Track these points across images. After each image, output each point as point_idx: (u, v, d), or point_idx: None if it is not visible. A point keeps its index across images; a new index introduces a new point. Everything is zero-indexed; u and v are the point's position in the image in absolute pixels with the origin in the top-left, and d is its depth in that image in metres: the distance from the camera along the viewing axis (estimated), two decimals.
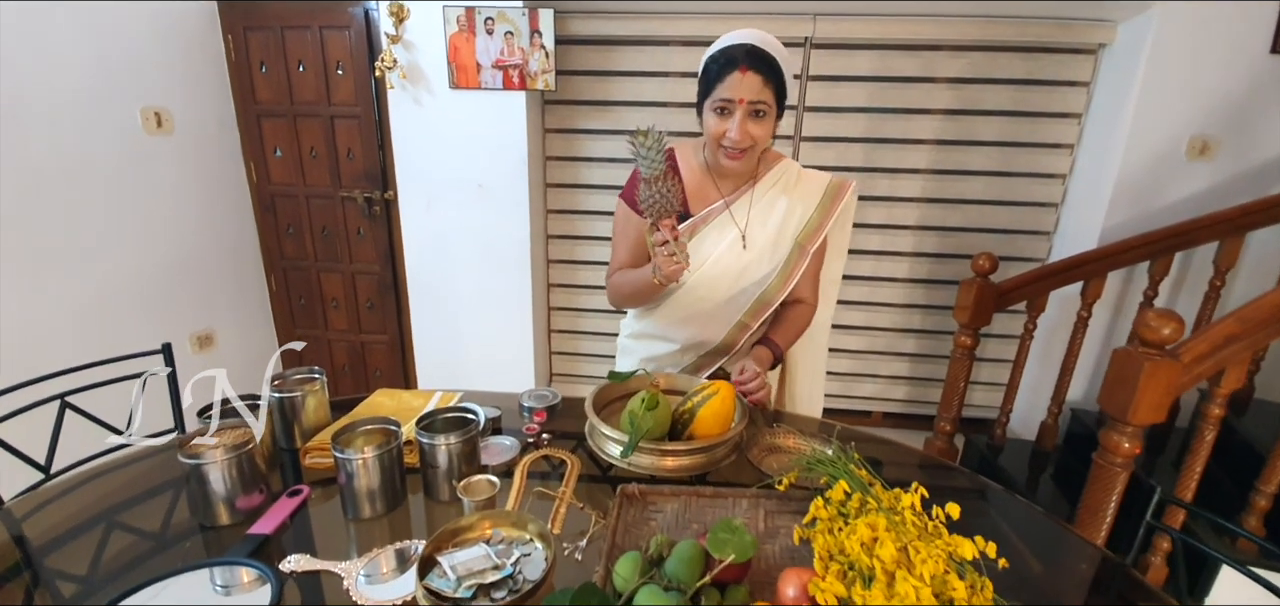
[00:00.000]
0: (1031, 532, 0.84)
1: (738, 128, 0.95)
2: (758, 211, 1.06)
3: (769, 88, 0.94)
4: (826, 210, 1.07)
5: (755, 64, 0.93)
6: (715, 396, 0.87)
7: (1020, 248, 2.20)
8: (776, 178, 1.07)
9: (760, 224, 1.06)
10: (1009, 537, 0.82)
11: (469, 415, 0.90)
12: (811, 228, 1.06)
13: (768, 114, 0.96)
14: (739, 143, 0.96)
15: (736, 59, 0.93)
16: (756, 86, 0.93)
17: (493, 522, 0.73)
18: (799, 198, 1.07)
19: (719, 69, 0.95)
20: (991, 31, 1.97)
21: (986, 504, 0.92)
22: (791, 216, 1.06)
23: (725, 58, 0.95)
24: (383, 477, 0.80)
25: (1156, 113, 1.85)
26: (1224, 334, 1.20)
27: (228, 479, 0.78)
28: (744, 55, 0.93)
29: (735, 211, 1.07)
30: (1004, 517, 0.88)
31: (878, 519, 0.61)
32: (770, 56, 0.94)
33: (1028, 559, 0.78)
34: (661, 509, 0.78)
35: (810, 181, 1.09)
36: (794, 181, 1.08)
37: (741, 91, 0.93)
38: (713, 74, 0.96)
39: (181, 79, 2.09)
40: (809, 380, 1.24)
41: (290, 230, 2.40)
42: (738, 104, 0.94)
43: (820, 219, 1.07)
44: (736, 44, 0.95)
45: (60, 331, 1.80)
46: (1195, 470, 1.29)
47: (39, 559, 0.74)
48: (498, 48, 1.95)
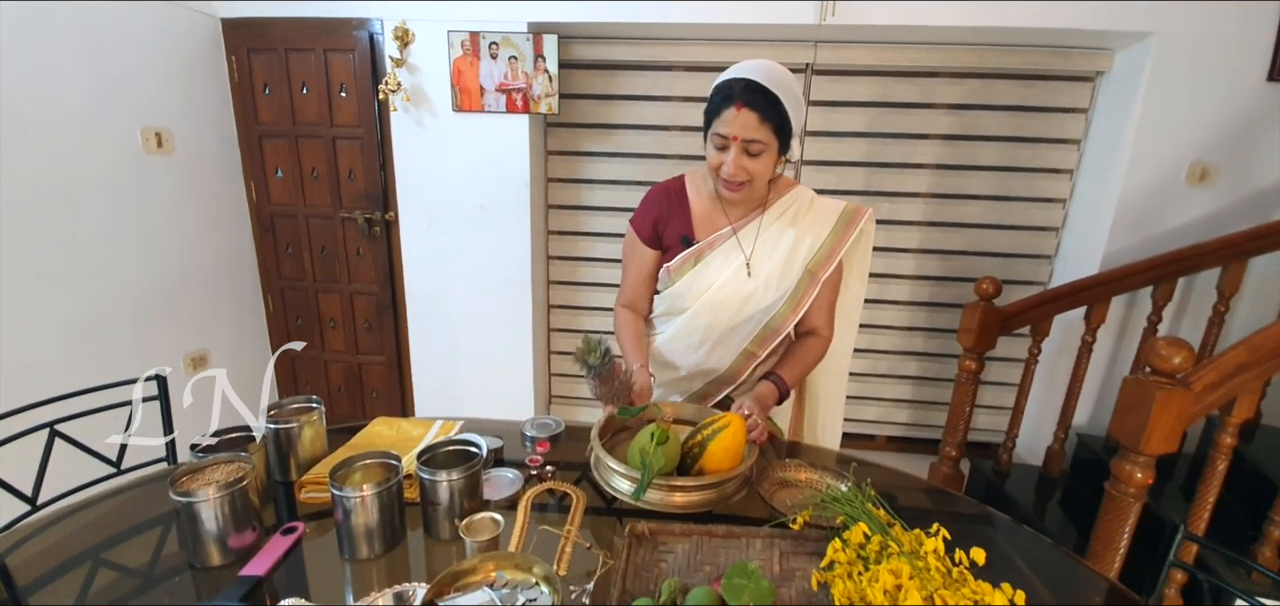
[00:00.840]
0: (1044, 566, 0.82)
1: (732, 163, 0.94)
2: (765, 239, 1.05)
3: (766, 125, 0.92)
4: (840, 237, 1.05)
5: (751, 100, 0.91)
6: (726, 430, 0.85)
7: (1021, 271, 2.20)
8: (786, 205, 1.06)
9: (767, 252, 1.04)
10: (1022, 572, 0.79)
11: (471, 448, 0.87)
12: (823, 255, 1.05)
13: (765, 151, 0.94)
14: (734, 177, 0.95)
15: (733, 95, 0.92)
16: (752, 124, 0.91)
17: (496, 564, 0.70)
18: (810, 226, 1.05)
19: (718, 102, 0.94)
20: (989, 59, 1.99)
21: (996, 533, 0.90)
22: (801, 244, 1.04)
23: (724, 91, 0.94)
24: (382, 515, 0.77)
25: (1156, 139, 1.86)
26: (1235, 363, 1.19)
27: (220, 517, 0.75)
28: (741, 91, 0.91)
29: (742, 238, 1.06)
30: (1015, 549, 0.86)
31: (901, 565, 0.59)
32: (770, 92, 0.91)
33: (1040, 592, 0.75)
34: (672, 549, 0.75)
35: (823, 208, 1.07)
36: (805, 209, 1.07)
37: (735, 128, 0.92)
38: (714, 106, 0.95)
39: (183, 99, 2.08)
40: (829, 408, 1.22)
41: (289, 250, 2.39)
42: (733, 140, 0.93)
43: (833, 245, 1.05)
44: (736, 78, 0.93)
45: (53, 352, 1.77)
46: (1207, 500, 1.27)
47: (22, 598, 0.71)
48: (501, 72, 1.95)
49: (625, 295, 1.16)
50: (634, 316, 1.15)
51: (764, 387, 1.02)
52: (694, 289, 1.06)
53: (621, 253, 1.17)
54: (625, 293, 1.16)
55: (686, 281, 1.06)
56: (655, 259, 1.11)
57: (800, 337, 1.11)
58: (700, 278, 1.05)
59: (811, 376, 1.18)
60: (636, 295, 1.15)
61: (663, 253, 1.10)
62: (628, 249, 1.14)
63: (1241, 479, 1.61)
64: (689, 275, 1.06)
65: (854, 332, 1.20)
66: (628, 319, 1.14)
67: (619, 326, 1.14)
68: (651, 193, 1.11)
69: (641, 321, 1.16)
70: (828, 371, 1.17)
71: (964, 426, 1.92)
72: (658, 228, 1.09)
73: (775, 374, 1.04)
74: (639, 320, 1.15)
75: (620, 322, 1.14)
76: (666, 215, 1.08)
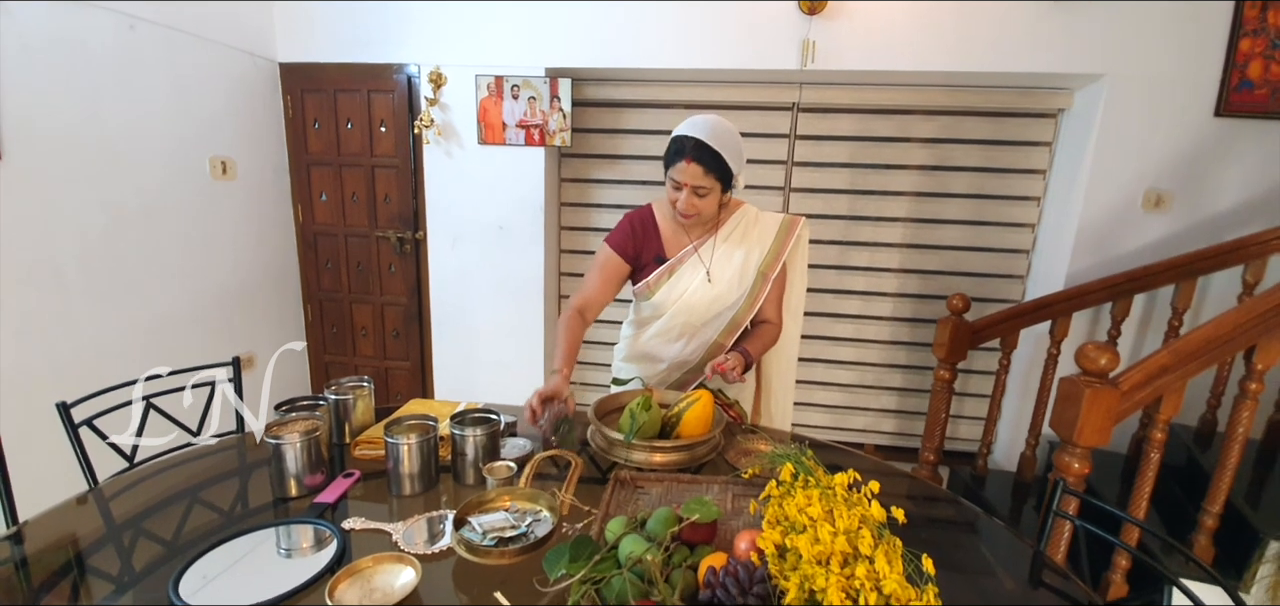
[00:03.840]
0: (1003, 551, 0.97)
1: (685, 202, 1.17)
2: (721, 253, 1.28)
3: (710, 174, 1.13)
4: (783, 242, 1.29)
5: (698, 156, 1.12)
6: (698, 402, 1.05)
7: (996, 290, 2.36)
8: (735, 224, 1.29)
9: (724, 263, 1.27)
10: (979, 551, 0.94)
11: (492, 416, 1.09)
12: (770, 258, 1.28)
13: (709, 193, 1.15)
14: (686, 212, 1.18)
15: (684, 150, 1.13)
16: (697, 174, 1.13)
17: (511, 496, 0.91)
18: (757, 238, 1.28)
19: (673, 153, 1.16)
20: (959, 99, 2.20)
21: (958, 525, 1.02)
22: (752, 253, 1.27)
23: (677, 145, 1.16)
24: (422, 462, 0.98)
25: (1112, 169, 2.04)
26: (1158, 365, 1.35)
27: (299, 458, 0.96)
28: (690, 147, 1.12)
29: (702, 254, 1.29)
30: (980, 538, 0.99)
31: (813, 491, 0.78)
32: (712, 149, 1.12)
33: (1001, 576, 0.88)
34: (648, 492, 0.95)
35: (766, 222, 1.31)
36: (752, 224, 1.30)
37: (685, 176, 1.14)
38: (671, 155, 1.17)
39: (246, 132, 2.39)
40: (782, 394, 1.43)
41: (329, 265, 2.66)
42: (684, 185, 1.16)
43: (778, 250, 1.29)
44: (686, 135, 1.14)
45: (130, 349, 2.04)
46: (1144, 490, 1.41)
47: (132, 527, 0.91)
48: (522, 110, 2.22)
49: (583, 296, 1.27)
50: (581, 322, 1.24)
51: (733, 355, 1.22)
52: (670, 297, 1.28)
53: (592, 262, 1.31)
54: (584, 294, 1.28)
55: (664, 291, 1.28)
56: (625, 273, 1.30)
57: (755, 325, 1.32)
58: (674, 288, 1.28)
59: (767, 366, 1.40)
60: (594, 299, 1.28)
61: (639, 271, 1.31)
62: (601, 261, 1.29)
63: (1197, 482, 1.74)
64: (665, 286, 1.28)
65: (800, 326, 1.42)
66: (574, 323, 1.22)
67: (564, 324, 1.22)
68: (627, 219, 1.31)
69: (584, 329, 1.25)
70: (780, 362, 1.39)
71: (940, 433, 2.08)
72: (636, 249, 1.29)
73: (742, 347, 1.25)
74: (583, 327, 1.25)
75: (566, 322, 1.22)
76: (643, 240, 1.30)
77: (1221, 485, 1.40)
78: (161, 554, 0.85)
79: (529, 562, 0.78)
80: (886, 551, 0.69)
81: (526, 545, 0.80)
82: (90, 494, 1.00)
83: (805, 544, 0.69)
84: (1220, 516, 1.43)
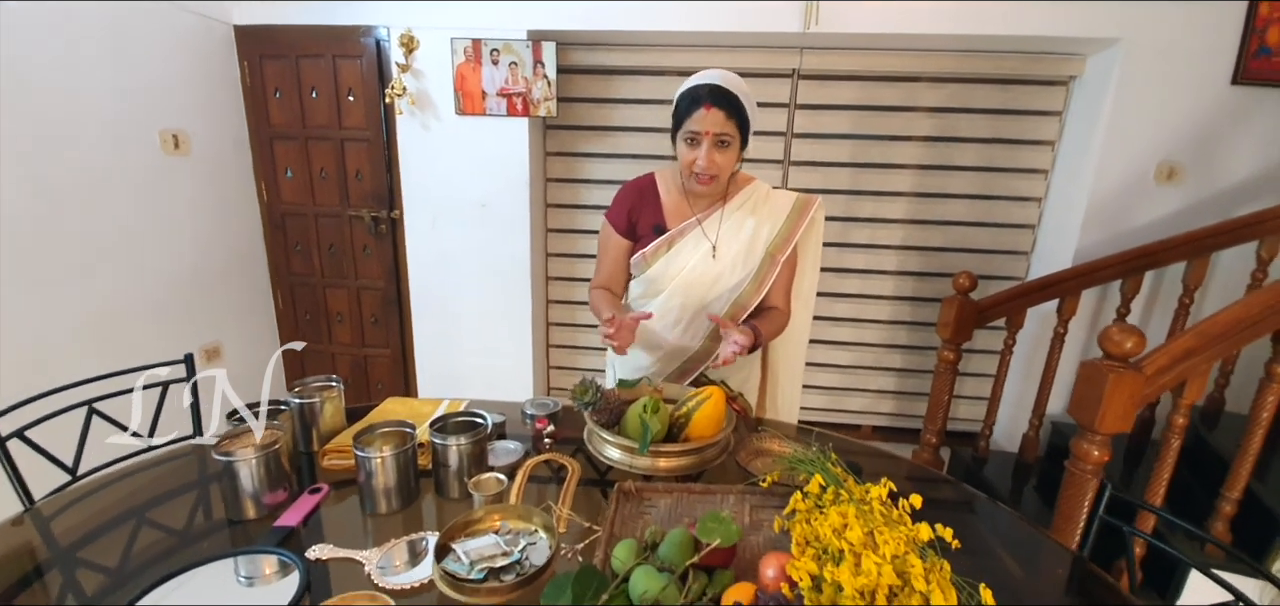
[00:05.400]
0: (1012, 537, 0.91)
1: (705, 156, 1.07)
2: (728, 227, 1.17)
3: (732, 121, 1.05)
4: (794, 223, 1.18)
5: (718, 100, 1.04)
6: (708, 400, 0.95)
7: (1000, 267, 2.30)
8: (745, 198, 1.19)
9: (731, 238, 1.17)
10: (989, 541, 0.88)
11: (478, 420, 0.97)
12: (781, 239, 1.18)
13: (731, 144, 1.07)
14: (706, 169, 1.08)
15: (701, 97, 1.05)
16: (720, 120, 1.05)
17: (501, 515, 0.80)
18: (767, 214, 1.18)
19: (687, 105, 1.07)
20: (967, 64, 2.09)
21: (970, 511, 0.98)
22: (761, 231, 1.17)
23: (692, 95, 1.07)
24: (399, 475, 0.86)
25: (1125, 140, 1.96)
26: (1183, 348, 1.28)
27: (256, 476, 0.84)
28: (708, 93, 1.05)
29: (706, 227, 1.18)
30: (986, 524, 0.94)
31: (848, 508, 0.68)
32: (732, 93, 1.05)
33: (1007, 562, 0.83)
34: (655, 504, 0.85)
35: (778, 199, 1.20)
36: (763, 200, 1.19)
37: (706, 124, 1.05)
38: (682, 109, 1.08)
39: (199, 103, 2.18)
40: (789, 384, 1.34)
41: (298, 247, 2.48)
42: (704, 135, 1.05)
43: (789, 231, 1.18)
44: (702, 83, 1.07)
45: (77, 343, 1.86)
46: (1163, 476, 1.36)
47: (70, 554, 0.79)
48: (503, 77, 2.05)
49: (600, 279, 1.27)
50: (608, 292, 1.25)
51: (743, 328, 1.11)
52: (668, 271, 1.18)
53: (597, 246, 1.28)
54: (600, 277, 1.27)
55: (661, 265, 1.18)
56: (628, 248, 1.23)
57: (762, 311, 1.22)
58: (673, 261, 1.17)
59: (773, 356, 1.31)
60: (611, 278, 1.26)
61: (636, 242, 1.22)
62: (603, 240, 1.25)
63: (1205, 463, 1.71)
64: (663, 259, 1.18)
65: (809, 318, 1.32)
66: (602, 294, 1.23)
67: (595, 301, 1.23)
68: (624, 189, 1.23)
69: (616, 298, 1.26)
70: (787, 351, 1.30)
71: (943, 414, 2.02)
72: (631, 218, 1.20)
73: (752, 323, 1.14)
74: (613, 296, 1.26)
75: (596, 297, 1.23)
76: (639, 207, 1.20)
77: (1242, 471, 1.36)
78: (104, 583, 0.74)
79: (525, 597, 0.68)
80: (939, 581, 0.60)
81: (521, 577, 0.69)
82: (26, 514, 0.87)
83: (847, 576, 0.60)
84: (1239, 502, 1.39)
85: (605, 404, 1.00)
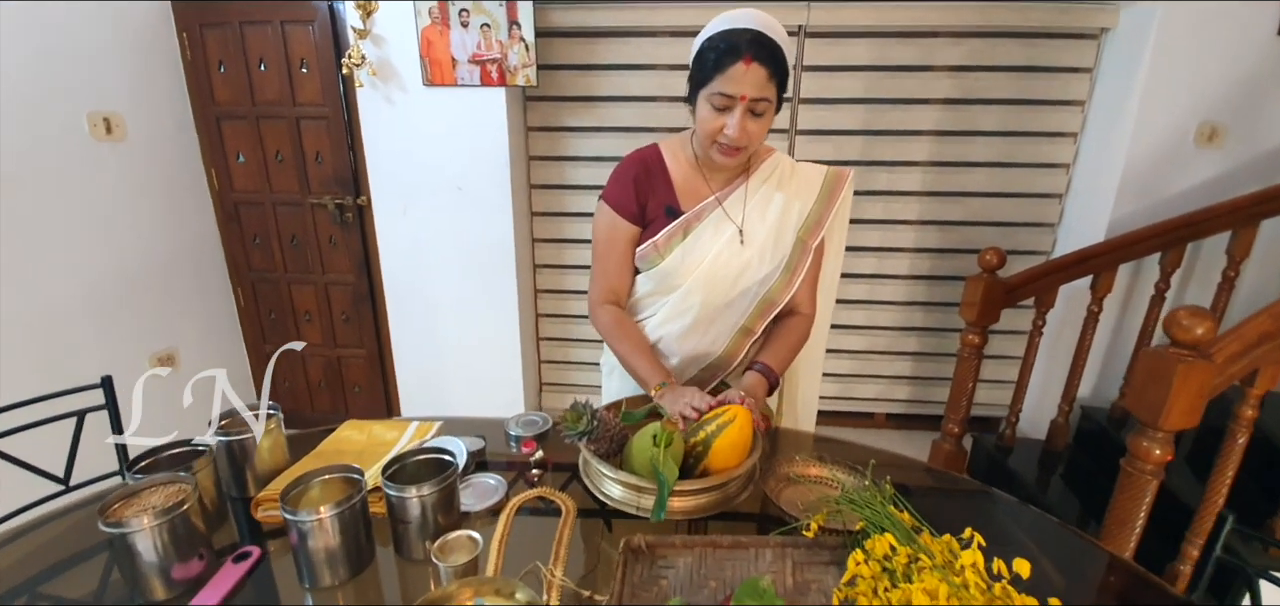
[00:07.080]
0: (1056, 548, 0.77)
1: (737, 126, 0.85)
2: (754, 206, 0.97)
3: (773, 82, 0.84)
4: (827, 202, 0.99)
5: (760, 55, 0.82)
6: (732, 424, 0.77)
7: (1023, 240, 2.13)
8: (770, 170, 0.99)
9: (758, 219, 0.96)
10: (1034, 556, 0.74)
11: (445, 457, 0.79)
12: (813, 221, 0.98)
13: (768, 111, 0.87)
14: (737, 141, 0.86)
15: (739, 48, 0.82)
16: (761, 80, 0.83)
17: (475, 589, 0.62)
18: (796, 191, 0.98)
19: (718, 57, 0.84)
20: (991, 16, 1.89)
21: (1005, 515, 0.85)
22: (790, 210, 0.97)
23: (727, 44, 0.83)
24: (344, 537, 0.68)
25: (1163, 99, 1.79)
26: (1258, 332, 1.13)
27: (159, 546, 0.65)
28: (748, 44, 0.82)
29: (729, 207, 0.97)
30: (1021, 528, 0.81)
31: (935, 582, 0.51)
32: (776, 45, 0.84)
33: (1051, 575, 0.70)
34: (672, 564, 0.67)
35: (806, 173, 1.00)
36: (789, 174, 0.99)
37: (744, 86, 0.83)
38: (711, 62, 0.85)
39: (133, 82, 1.93)
40: (807, 388, 1.16)
41: (257, 240, 2.25)
42: (739, 100, 0.84)
43: (821, 211, 0.98)
44: (740, 28, 0.84)
45: (6, 356, 1.65)
46: (1226, 474, 1.22)
47: None
48: (474, 41, 1.82)
49: (605, 289, 1.02)
50: (624, 315, 1.02)
51: (752, 379, 0.93)
52: (686, 264, 0.96)
53: (593, 237, 1.03)
54: (605, 285, 1.02)
55: (677, 255, 0.96)
56: (636, 237, 0.99)
57: (781, 319, 1.02)
58: (691, 251, 0.96)
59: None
60: (620, 286, 1.02)
61: (644, 227, 0.99)
62: (603, 230, 1.00)
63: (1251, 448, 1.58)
64: (679, 248, 0.96)
65: (831, 309, 1.13)
66: (619, 320, 1.00)
67: (610, 331, 1.00)
68: (625, 163, 0.99)
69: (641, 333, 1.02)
70: (805, 350, 1.08)
71: (967, 403, 1.87)
72: (640, 199, 0.97)
73: (761, 363, 0.96)
74: (631, 319, 1.03)
75: (610, 326, 1.00)
76: (647, 185, 0.97)
77: None
78: None
79: None
80: None
81: None
82: None
83: None
84: None
85: (603, 431, 0.81)
